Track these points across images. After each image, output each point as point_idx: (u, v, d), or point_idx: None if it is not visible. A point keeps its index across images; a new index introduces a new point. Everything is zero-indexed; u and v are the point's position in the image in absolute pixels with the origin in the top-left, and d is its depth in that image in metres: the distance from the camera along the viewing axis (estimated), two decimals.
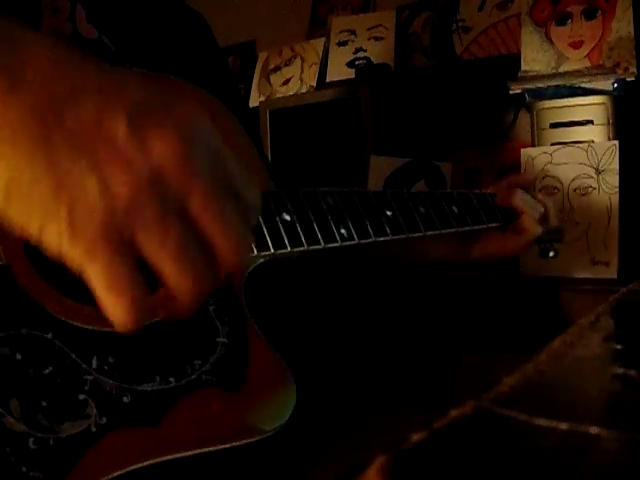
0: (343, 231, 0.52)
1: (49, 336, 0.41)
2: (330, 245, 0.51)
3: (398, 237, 0.58)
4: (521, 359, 0.28)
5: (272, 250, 0.47)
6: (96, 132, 0.29)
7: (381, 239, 0.56)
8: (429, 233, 0.62)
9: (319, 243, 0.50)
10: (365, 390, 0.72)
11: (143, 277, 0.30)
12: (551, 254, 0.85)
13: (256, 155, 0.55)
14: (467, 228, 0.69)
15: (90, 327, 0.43)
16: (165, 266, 0.30)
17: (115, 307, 0.29)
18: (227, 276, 0.32)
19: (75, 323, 0.43)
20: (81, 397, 0.41)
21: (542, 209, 0.78)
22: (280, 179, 0.65)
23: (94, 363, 0.42)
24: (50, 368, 0.41)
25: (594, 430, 0.20)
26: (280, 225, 0.48)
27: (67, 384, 0.41)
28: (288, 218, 0.49)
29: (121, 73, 0.33)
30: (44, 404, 0.40)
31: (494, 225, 0.74)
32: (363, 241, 0.54)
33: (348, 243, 0.52)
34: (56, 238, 0.28)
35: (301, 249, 0.48)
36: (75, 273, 0.29)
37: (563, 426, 0.21)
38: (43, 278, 0.43)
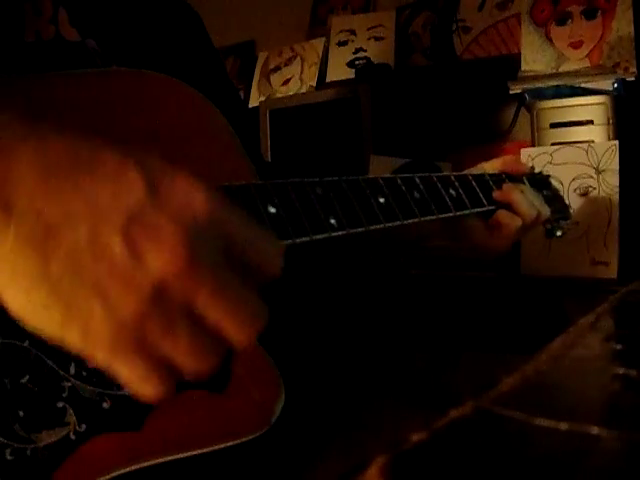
0: (333, 221, 0.50)
1: (25, 344, 0.40)
2: (319, 236, 0.48)
3: (392, 224, 0.55)
4: (521, 359, 0.28)
5: None
6: (93, 255, 0.30)
7: (373, 227, 0.53)
8: (425, 219, 0.58)
9: (307, 235, 0.47)
10: (365, 390, 0.72)
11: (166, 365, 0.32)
12: (558, 234, 0.78)
13: (234, 146, 0.53)
14: (466, 212, 0.64)
15: None
16: (180, 359, 0.32)
17: (145, 396, 0.32)
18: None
19: None
20: (59, 405, 0.40)
21: (534, 215, 0.71)
22: (280, 179, 0.64)
23: (72, 369, 0.41)
24: (27, 377, 0.40)
25: (594, 430, 0.20)
26: (265, 218, 0.45)
27: (44, 392, 0.40)
28: (274, 210, 0.46)
29: (112, 161, 0.32)
30: (21, 414, 0.39)
31: (493, 208, 0.68)
32: (354, 230, 0.51)
33: (338, 233, 0.50)
34: (76, 349, 0.31)
35: (288, 242, 0.46)
36: None
37: (563, 426, 0.21)
38: None
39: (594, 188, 1.12)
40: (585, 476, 0.18)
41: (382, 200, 0.55)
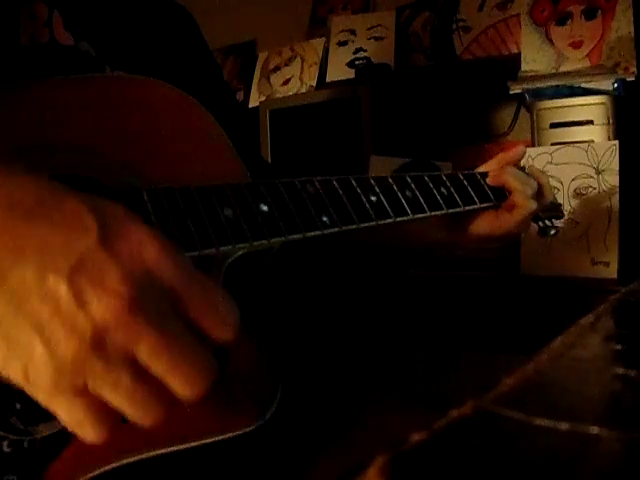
0: (325, 219, 0.50)
1: None
2: (311, 233, 0.49)
3: (384, 222, 0.56)
4: (521, 359, 0.28)
5: (250, 241, 0.45)
6: (38, 294, 0.30)
7: (365, 225, 0.54)
8: (417, 216, 0.59)
9: (299, 232, 0.48)
10: (365, 390, 0.72)
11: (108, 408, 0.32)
12: (552, 232, 0.79)
13: (226, 148, 0.53)
14: (458, 209, 0.65)
15: None
16: (120, 407, 0.32)
17: (83, 437, 0.33)
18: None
19: None
20: None
21: (536, 185, 0.74)
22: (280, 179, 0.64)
23: None
24: None
25: (594, 430, 0.20)
26: (258, 215, 0.46)
27: None
28: (266, 208, 0.47)
29: (70, 206, 0.32)
30: (18, 406, 0.39)
31: (487, 205, 0.70)
32: (346, 228, 0.52)
33: (330, 230, 0.50)
34: (19, 385, 0.31)
35: (280, 239, 0.47)
36: None
37: (563, 426, 0.21)
38: None
39: (594, 188, 1.12)
40: (585, 476, 0.18)
41: (374, 198, 0.56)
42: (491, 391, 0.24)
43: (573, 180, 1.14)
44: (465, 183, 0.69)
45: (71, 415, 0.32)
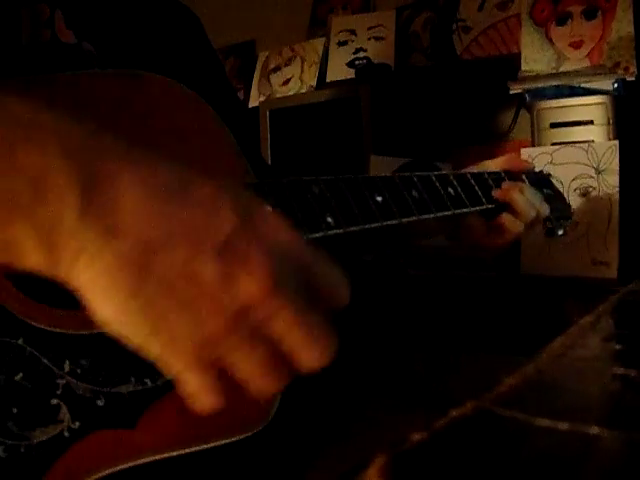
0: (329, 219, 0.50)
1: (19, 342, 0.40)
2: (315, 235, 0.48)
3: (389, 223, 0.55)
4: (521, 359, 0.28)
5: None
6: (187, 276, 0.32)
7: (370, 226, 0.53)
8: (423, 217, 0.59)
9: (303, 233, 0.47)
10: (365, 390, 0.72)
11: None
12: (560, 233, 0.77)
13: (230, 146, 0.53)
14: (465, 210, 0.64)
15: (62, 331, 0.42)
16: (250, 377, 0.35)
17: (201, 404, 0.34)
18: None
19: (47, 327, 0.42)
20: (53, 402, 0.40)
21: (548, 211, 0.73)
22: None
23: (66, 367, 0.41)
24: (21, 374, 0.40)
25: (594, 430, 0.20)
26: None
27: (38, 389, 0.40)
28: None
29: (209, 190, 0.34)
30: (15, 411, 0.39)
31: (489, 207, 0.69)
32: (350, 228, 0.51)
33: (334, 232, 0.50)
34: (156, 354, 0.33)
35: None
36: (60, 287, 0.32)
37: (563, 426, 0.21)
38: (12, 282, 0.42)
39: (594, 188, 1.12)
40: (585, 476, 0.18)
41: (379, 198, 0.55)
42: (491, 391, 0.24)
43: (573, 180, 1.14)
44: (472, 182, 0.68)
45: (201, 384, 0.33)
